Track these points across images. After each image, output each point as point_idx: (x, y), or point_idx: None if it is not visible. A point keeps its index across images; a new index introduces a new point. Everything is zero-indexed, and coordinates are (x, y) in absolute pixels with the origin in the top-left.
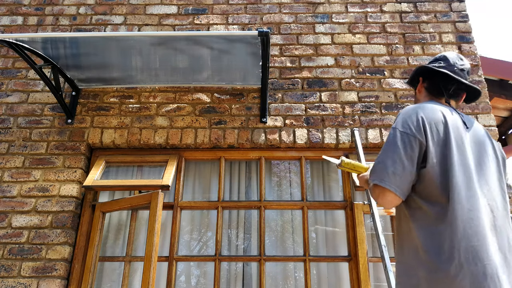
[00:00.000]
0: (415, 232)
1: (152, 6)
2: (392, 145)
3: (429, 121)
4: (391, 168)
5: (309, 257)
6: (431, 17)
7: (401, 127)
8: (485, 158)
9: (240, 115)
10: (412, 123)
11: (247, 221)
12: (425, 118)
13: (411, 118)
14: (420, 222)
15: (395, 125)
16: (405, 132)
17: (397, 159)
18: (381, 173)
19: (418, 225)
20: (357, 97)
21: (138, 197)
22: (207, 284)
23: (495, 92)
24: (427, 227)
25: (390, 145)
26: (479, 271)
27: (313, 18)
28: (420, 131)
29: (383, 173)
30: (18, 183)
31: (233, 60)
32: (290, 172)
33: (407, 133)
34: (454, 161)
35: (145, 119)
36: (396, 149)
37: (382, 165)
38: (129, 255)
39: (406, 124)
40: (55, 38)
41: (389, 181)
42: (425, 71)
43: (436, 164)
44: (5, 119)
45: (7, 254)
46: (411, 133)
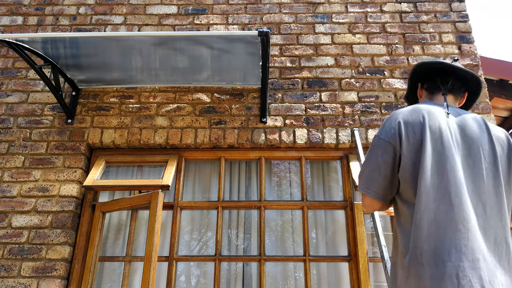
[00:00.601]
0: (398, 234)
1: (152, 6)
2: (371, 152)
3: (405, 125)
4: (369, 174)
5: (309, 257)
6: (431, 17)
7: (379, 133)
8: (476, 157)
9: (240, 115)
10: (390, 129)
11: (247, 221)
12: (402, 123)
13: (390, 123)
14: (401, 224)
15: (377, 133)
16: (382, 138)
17: (375, 166)
18: (361, 180)
19: (400, 226)
20: (357, 97)
21: (138, 197)
22: (207, 284)
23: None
24: (405, 229)
25: (370, 152)
26: (439, 272)
27: (313, 18)
28: (395, 136)
29: (363, 180)
30: (18, 183)
31: (233, 60)
32: (290, 172)
33: (383, 140)
34: (426, 164)
35: (145, 119)
36: (373, 156)
37: (361, 173)
38: (129, 255)
39: (384, 130)
40: (55, 38)
41: (367, 187)
42: (421, 75)
43: (410, 167)
44: (5, 119)
45: (7, 254)
46: (387, 139)
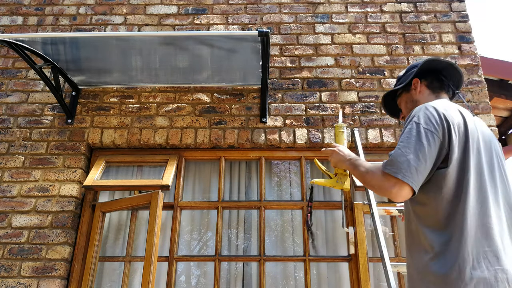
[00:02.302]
0: (424, 234)
1: (152, 6)
2: (416, 141)
3: (452, 121)
4: (414, 164)
5: (309, 257)
6: (431, 17)
7: (424, 123)
8: (494, 160)
9: (240, 115)
10: (436, 122)
11: (247, 221)
12: (448, 118)
13: (434, 116)
14: (429, 223)
15: (417, 120)
16: (429, 129)
17: (421, 156)
18: (403, 166)
19: (427, 226)
20: (357, 97)
21: (138, 197)
22: (207, 284)
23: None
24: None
25: (413, 139)
26: (490, 276)
27: (313, 18)
28: (444, 131)
29: (405, 167)
30: (18, 183)
31: (233, 60)
32: (290, 172)
33: (431, 131)
34: (471, 165)
35: (145, 119)
36: (421, 146)
37: (405, 159)
38: (129, 255)
39: (430, 122)
40: (55, 38)
41: (410, 177)
42: (421, 71)
43: (456, 166)
44: (5, 119)
45: (7, 254)
46: (435, 132)
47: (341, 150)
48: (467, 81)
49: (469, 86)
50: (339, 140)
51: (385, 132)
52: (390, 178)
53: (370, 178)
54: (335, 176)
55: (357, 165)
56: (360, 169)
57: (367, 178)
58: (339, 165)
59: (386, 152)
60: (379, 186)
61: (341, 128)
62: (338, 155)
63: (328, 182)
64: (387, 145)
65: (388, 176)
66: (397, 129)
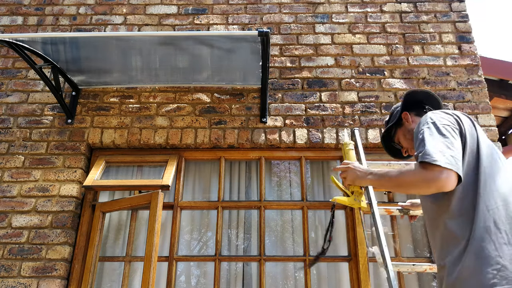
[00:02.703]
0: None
1: (152, 6)
2: (439, 134)
3: (458, 116)
4: (450, 152)
5: (309, 257)
6: (431, 17)
7: (438, 121)
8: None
9: (240, 115)
10: (447, 118)
11: (247, 221)
12: (454, 114)
13: (442, 115)
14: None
15: (431, 121)
16: (445, 124)
17: (450, 146)
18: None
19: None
20: (357, 97)
21: (138, 197)
22: (207, 284)
23: (495, 92)
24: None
25: (436, 135)
26: None
27: (313, 18)
28: (460, 125)
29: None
30: (18, 183)
31: (233, 60)
32: (290, 172)
33: (447, 125)
34: (485, 153)
35: (145, 119)
36: (445, 137)
37: (438, 150)
38: (129, 255)
39: (442, 119)
40: (55, 38)
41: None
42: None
43: (471, 154)
44: (5, 119)
45: (7, 254)
46: (451, 124)
47: (357, 167)
48: (467, 81)
49: (469, 86)
50: (349, 158)
51: None
52: (434, 167)
53: (408, 177)
54: (352, 195)
55: (384, 174)
56: (389, 175)
57: (405, 178)
58: (357, 183)
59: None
60: (424, 179)
61: (349, 145)
62: (355, 172)
63: (347, 201)
64: None
65: (431, 166)
66: None
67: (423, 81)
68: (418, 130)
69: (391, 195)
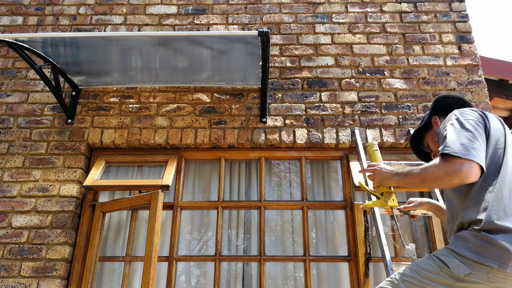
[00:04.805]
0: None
1: (152, 6)
2: (462, 129)
3: (485, 113)
4: (470, 144)
5: (309, 257)
6: (431, 17)
7: (462, 117)
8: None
9: (240, 115)
10: (471, 113)
11: (247, 221)
12: (478, 110)
13: (467, 111)
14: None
15: (455, 117)
16: (469, 119)
17: (473, 138)
18: (462, 148)
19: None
20: (357, 97)
21: (138, 197)
22: (207, 284)
23: (495, 92)
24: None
25: (459, 129)
26: None
27: (313, 18)
28: (483, 117)
29: (465, 148)
30: (18, 183)
31: (233, 60)
32: (290, 172)
33: (471, 119)
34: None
35: (145, 119)
36: (467, 131)
37: (460, 143)
38: (129, 255)
39: (467, 114)
40: (55, 38)
41: (474, 155)
42: (435, 109)
43: (496, 148)
44: (5, 119)
45: (7, 254)
46: (475, 119)
47: (383, 168)
48: (467, 81)
49: (469, 86)
50: (375, 159)
51: (385, 132)
52: (455, 159)
53: (432, 172)
54: (382, 196)
55: (408, 172)
56: (413, 172)
57: (429, 173)
58: (384, 183)
59: (387, 152)
60: (446, 172)
61: (374, 147)
62: (382, 173)
63: (378, 203)
64: (387, 145)
65: (452, 158)
66: (397, 129)
67: (423, 81)
68: (443, 127)
69: None
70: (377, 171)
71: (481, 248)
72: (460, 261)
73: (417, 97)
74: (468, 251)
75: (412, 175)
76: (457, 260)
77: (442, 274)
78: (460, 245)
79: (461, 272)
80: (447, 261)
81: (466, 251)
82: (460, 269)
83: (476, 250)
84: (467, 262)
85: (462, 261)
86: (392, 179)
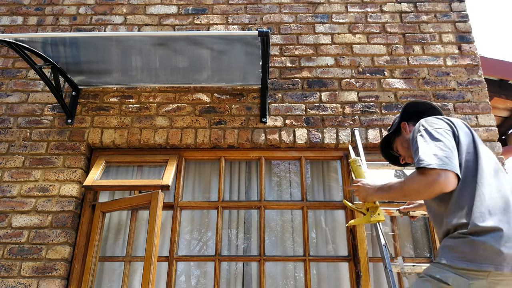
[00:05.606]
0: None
1: (152, 6)
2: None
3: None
4: (442, 154)
5: (309, 257)
6: (431, 17)
7: (429, 127)
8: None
9: (240, 115)
10: (439, 122)
11: (247, 221)
12: (445, 118)
13: (434, 120)
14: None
15: (423, 128)
16: (437, 128)
17: (443, 147)
18: (435, 159)
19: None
20: (357, 97)
21: (138, 197)
22: (207, 284)
23: (495, 92)
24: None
25: (429, 139)
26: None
27: (313, 18)
28: (449, 124)
29: (438, 159)
30: (18, 183)
31: (233, 60)
32: (290, 172)
33: (439, 128)
34: (482, 151)
35: (145, 119)
36: (438, 140)
37: (432, 153)
38: (129, 255)
39: (434, 124)
40: (55, 38)
41: (447, 164)
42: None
43: (467, 153)
44: (5, 119)
45: (7, 254)
46: (443, 127)
47: (365, 184)
48: (467, 81)
49: (469, 86)
50: (358, 175)
51: (385, 132)
52: (431, 171)
53: (410, 185)
54: (368, 212)
55: (390, 187)
56: (394, 187)
57: (409, 187)
58: (369, 199)
59: None
60: (425, 185)
61: (357, 162)
62: (365, 189)
63: (364, 220)
64: None
65: (427, 170)
66: None
67: (423, 81)
68: (412, 138)
69: None
70: (360, 188)
71: (473, 254)
72: (457, 274)
73: (417, 97)
74: (461, 261)
75: (394, 190)
76: (453, 273)
77: None
78: (450, 257)
79: (462, 285)
80: (444, 278)
81: (459, 261)
82: (460, 283)
83: (469, 257)
84: (463, 273)
85: (458, 273)
86: (375, 194)
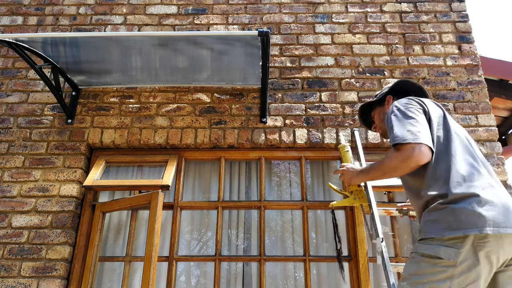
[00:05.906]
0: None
1: (152, 6)
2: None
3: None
4: (414, 129)
5: (309, 257)
6: (431, 17)
7: (402, 106)
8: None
9: (240, 115)
10: (411, 102)
11: (247, 221)
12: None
13: (406, 101)
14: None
15: (396, 108)
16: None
17: (415, 123)
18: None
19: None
20: (357, 97)
21: (138, 197)
22: (207, 284)
23: (495, 92)
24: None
25: (401, 117)
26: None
27: (313, 18)
28: (420, 103)
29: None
30: (18, 183)
31: (233, 60)
32: (290, 172)
33: (411, 106)
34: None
35: (145, 119)
36: (409, 117)
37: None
38: (129, 255)
39: (406, 104)
40: (55, 38)
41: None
42: (394, 90)
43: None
44: (5, 119)
45: (7, 254)
46: (415, 105)
47: (350, 168)
48: (467, 81)
49: (469, 86)
50: (346, 160)
51: None
52: (405, 146)
53: (388, 162)
54: (351, 194)
55: (370, 168)
56: (373, 167)
57: (387, 165)
58: (352, 182)
59: (386, 152)
60: (402, 160)
61: (345, 148)
62: (349, 173)
63: (346, 202)
64: (387, 145)
65: (402, 145)
66: None
67: (423, 81)
68: (387, 118)
69: (391, 195)
70: (345, 172)
71: (457, 222)
72: (446, 245)
73: None
74: (448, 231)
75: (374, 170)
76: (443, 246)
77: (439, 269)
78: (436, 229)
79: (453, 255)
80: (435, 252)
81: (446, 231)
82: (451, 253)
83: (454, 226)
84: (452, 243)
85: (447, 244)
86: (358, 176)
